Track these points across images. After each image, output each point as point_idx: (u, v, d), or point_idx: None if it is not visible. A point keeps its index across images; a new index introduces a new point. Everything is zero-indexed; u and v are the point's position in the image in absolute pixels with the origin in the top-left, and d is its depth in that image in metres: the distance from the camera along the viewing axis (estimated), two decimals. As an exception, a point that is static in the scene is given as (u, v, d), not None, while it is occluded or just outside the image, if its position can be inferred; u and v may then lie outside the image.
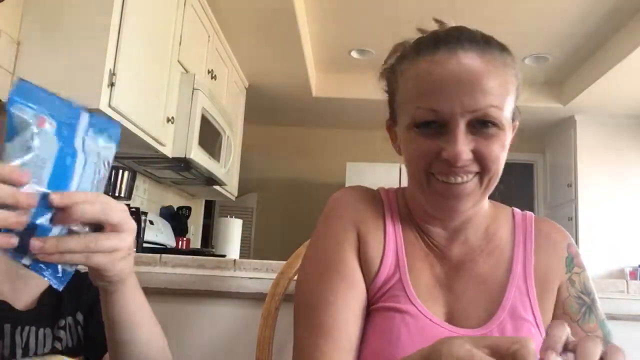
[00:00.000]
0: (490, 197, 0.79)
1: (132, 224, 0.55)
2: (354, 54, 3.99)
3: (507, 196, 0.58)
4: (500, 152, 0.70)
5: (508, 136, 0.71)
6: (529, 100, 4.32)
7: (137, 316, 0.64)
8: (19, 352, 0.69)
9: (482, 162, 0.69)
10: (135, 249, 0.58)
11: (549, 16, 3.30)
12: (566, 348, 0.46)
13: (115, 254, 0.54)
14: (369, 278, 0.76)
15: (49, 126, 0.52)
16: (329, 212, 0.81)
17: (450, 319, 0.74)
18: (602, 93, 3.97)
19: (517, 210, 0.85)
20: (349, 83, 4.25)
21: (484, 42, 0.71)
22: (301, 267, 0.82)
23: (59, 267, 0.53)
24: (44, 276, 0.52)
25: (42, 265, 0.52)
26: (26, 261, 0.51)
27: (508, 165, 0.73)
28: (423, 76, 0.70)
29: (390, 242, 0.78)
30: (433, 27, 0.78)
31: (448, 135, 0.68)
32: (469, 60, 0.68)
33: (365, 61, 4.01)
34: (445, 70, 0.68)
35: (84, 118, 0.56)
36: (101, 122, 0.57)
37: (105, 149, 0.58)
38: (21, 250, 0.50)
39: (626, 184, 4.39)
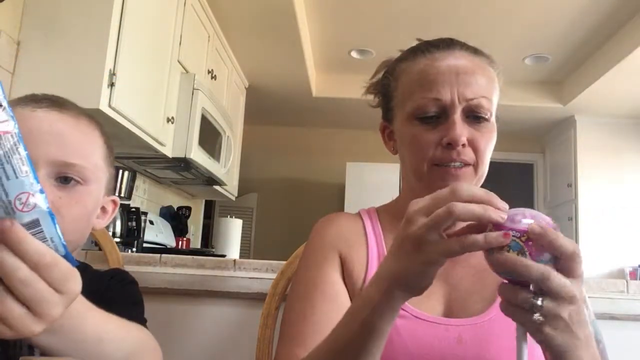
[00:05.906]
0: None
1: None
2: (354, 54, 3.99)
3: (507, 196, 0.58)
4: (489, 144, 0.78)
5: (495, 133, 0.79)
6: (529, 100, 4.31)
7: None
8: (37, 350, 0.68)
9: (476, 151, 0.76)
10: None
11: (549, 16, 3.30)
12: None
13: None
14: (358, 290, 0.80)
15: None
16: (311, 239, 0.87)
17: (449, 311, 0.77)
18: (602, 93, 3.97)
19: None
20: (349, 83, 4.24)
21: (473, 48, 0.82)
22: (289, 291, 0.87)
23: None
24: None
25: None
26: None
27: (508, 165, 0.78)
28: (424, 71, 0.79)
29: (373, 253, 0.82)
30: (429, 36, 0.87)
31: (447, 122, 0.76)
32: (463, 58, 0.79)
33: (365, 61, 4.01)
34: (444, 65, 0.78)
35: None
36: None
37: None
38: None
39: (626, 184, 4.39)
